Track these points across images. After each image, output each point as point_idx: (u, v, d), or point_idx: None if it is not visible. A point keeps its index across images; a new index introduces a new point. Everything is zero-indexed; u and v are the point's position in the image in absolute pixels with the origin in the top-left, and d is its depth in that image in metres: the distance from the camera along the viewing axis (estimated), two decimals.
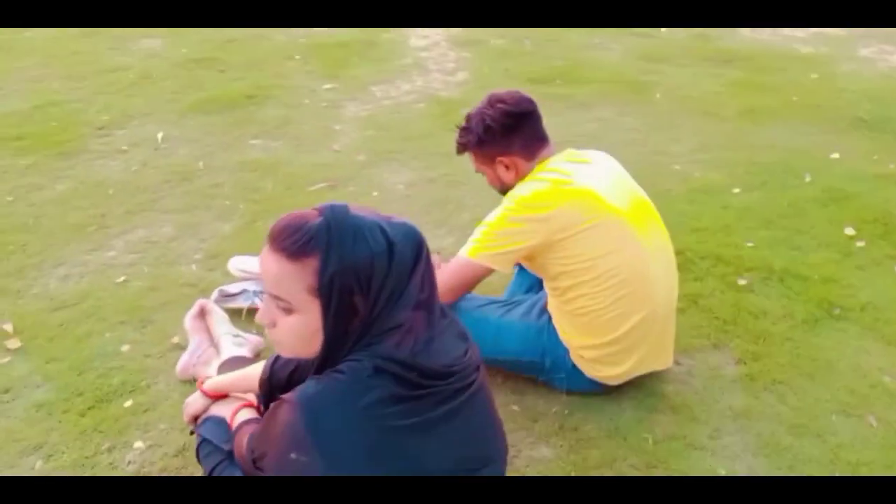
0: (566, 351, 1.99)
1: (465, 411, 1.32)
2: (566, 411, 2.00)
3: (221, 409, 1.70)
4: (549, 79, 4.36)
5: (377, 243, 1.21)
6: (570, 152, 2.02)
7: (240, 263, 2.45)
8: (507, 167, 1.99)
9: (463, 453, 1.32)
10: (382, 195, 3.10)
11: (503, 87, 2.08)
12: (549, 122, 2.02)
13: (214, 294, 2.34)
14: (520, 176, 1.99)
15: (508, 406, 2.01)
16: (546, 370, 2.04)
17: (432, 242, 1.44)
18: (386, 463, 1.20)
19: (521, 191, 1.91)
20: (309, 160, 3.38)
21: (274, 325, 1.25)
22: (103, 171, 3.24)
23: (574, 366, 1.99)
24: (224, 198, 3.05)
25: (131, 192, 3.07)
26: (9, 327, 2.28)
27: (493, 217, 1.91)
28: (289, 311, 1.22)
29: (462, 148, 2.06)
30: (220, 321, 2.15)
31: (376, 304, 1.21)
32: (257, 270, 1.52)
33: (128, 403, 2.00)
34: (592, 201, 1.86)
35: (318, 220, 1.21)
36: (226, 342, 2.10)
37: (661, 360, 2.06)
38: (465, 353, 1.37)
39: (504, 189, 2.02)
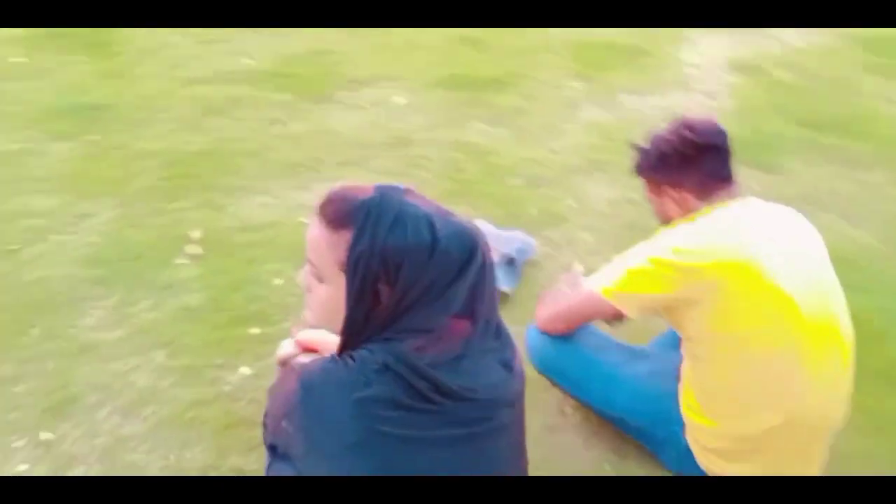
0: (682, 427, 1.72)
1: (475, 445, 1.20)
2: None
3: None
4: (825, 125, 3.81)
5: (417, 235, 1.13)
6: (753, 202, 1.73)
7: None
8: (675, 202, 1.77)
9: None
10: (577, 205, 2.96)
11: (768, 123, 1.84)
12: (801, 171, 1.73)
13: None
14: (686, 214, 1.75)
15: (600, 464, 1.80)
16: (656, 442, 1.79)
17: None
18: (364, 464, 1.13)
19: (675, 234, 1.69)
20: (521, 153, 3.32)
21: (309, 290, 1.23)
22: (336, 122, 3.47)
23: (689, 448, 1.72)
24: (428, 171, 3.11)
25: (351, 146, 3.26)
26: (197, 234, 2.54)
27: (636, 253, 1.70)
28: (320, 279, 1.19)
29: (636, 170, 1.87)
30: None
31: (403, 299, 1.14)
32: None
33: (254, 331, 2.14)
34: (754, 270, 1.57)
35: (368, 196, 1.15)
36: None
37: (801, 468, 1.70)
38: (502, 384, 1.23)
39: (667, 224, 1.80)
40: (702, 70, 4.54)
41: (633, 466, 1.80)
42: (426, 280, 1.14)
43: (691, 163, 1.73)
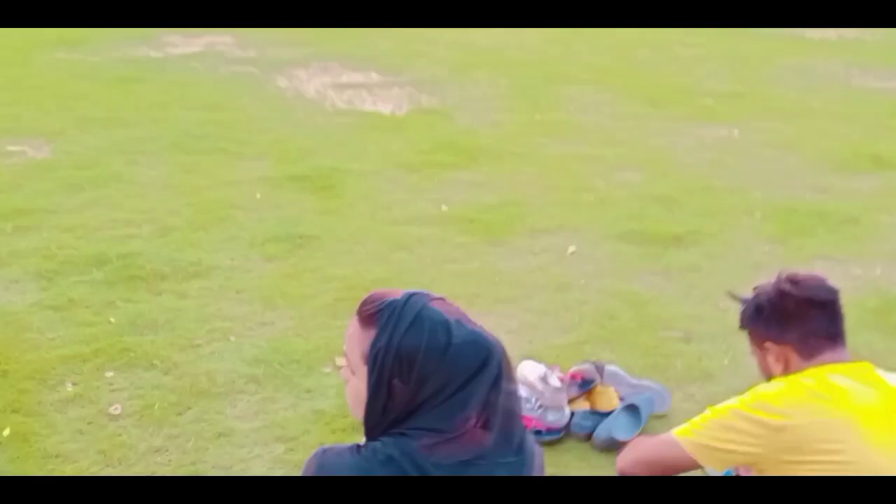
0: None
1: None
2: None
3: None
4: None
5: (433, 336, 1.23)
6: (866, 366, 1.58)
7: (531, 373, 2.52)
8: (775, 358, 1.67)
9: None
10: (731, 364, 2.80)
11: None
12: None
13: None
14: (787, 372, 1.64)
15: None
16: None
17: None
18: None
19: (766, 386, 1.59)
20: (684, 308, 3.24)
21: (347, 381, 1.35)
22: (505, 264, 3.68)
23: None
24: (579, 314, 3.15)
25: (510, 286, 3.43)
26: None
27: (722, 405, 1.62)
28: (351, 371, 1.31)
29: (740, 322, 1.80)
30: None
31: (416, 396, 1.23)
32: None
33: None
34: (847, 434, 1.43)
35: (397, 298, 1.28)
36: None
37: None
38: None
39: (768, 380, 1.69)
40: None
41: None
42: (438, 380, 1.22)
43: (792, 318, 1.64)
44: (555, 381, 2.40)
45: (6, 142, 5.42)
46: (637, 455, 1.74)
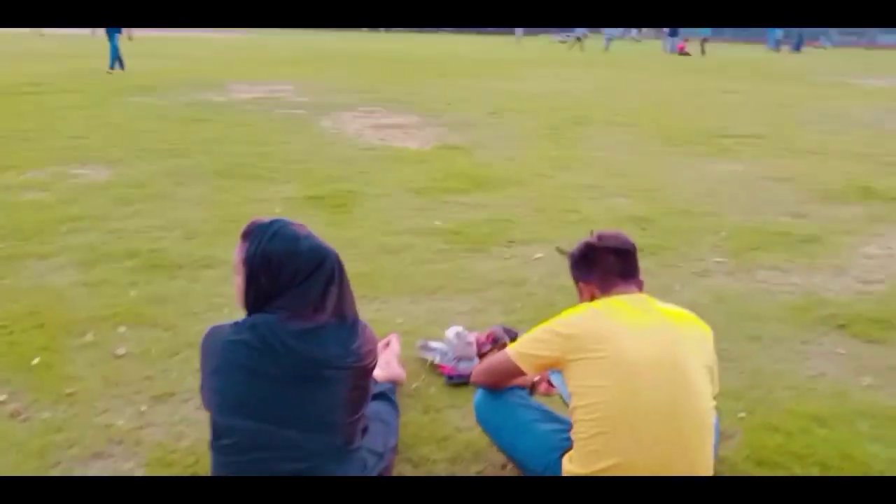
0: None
1: (303, 387, 1.76)
2: None
3: None
4: None
5: (285, 245, 1.80)
6: (643, 298, 2.06)
7: (450, 333, 3.02)
8: (585, 293, 2.16)
9: (277, 411, 1.73)
10: None
11: None
12: None
13: (419, 342, 3.01)
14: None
15: None
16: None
17: None
18: (220, 383, 1.75)
19: (568, 309, 2.07)
20: None
21: (234, 281, 1.92)
22: (476, 265, 4.17)
23: None
24: (524, 303, 3.62)
25: (474, 281, 3.91)
26: None
27: (541, 327, 2.11)
28: (236, 272, 1.88)
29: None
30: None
31: (274, 285, 1.80)
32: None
33: None
34: (610, 337, 1.92)
35: (263, 220, 1.85)
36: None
37: None
38: (336, 356, 1.78)
39: None
40: (875, 261, 4.42)
41: None
42: (288, 274, 1.79)
43: (594, 263, 2.13)
44: (468, 337, 2.90)
45: (74, 166, 6.34)
46: (482, 367, 2.23)
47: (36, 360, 2.89)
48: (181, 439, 2.40)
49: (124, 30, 14.40)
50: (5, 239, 4.37)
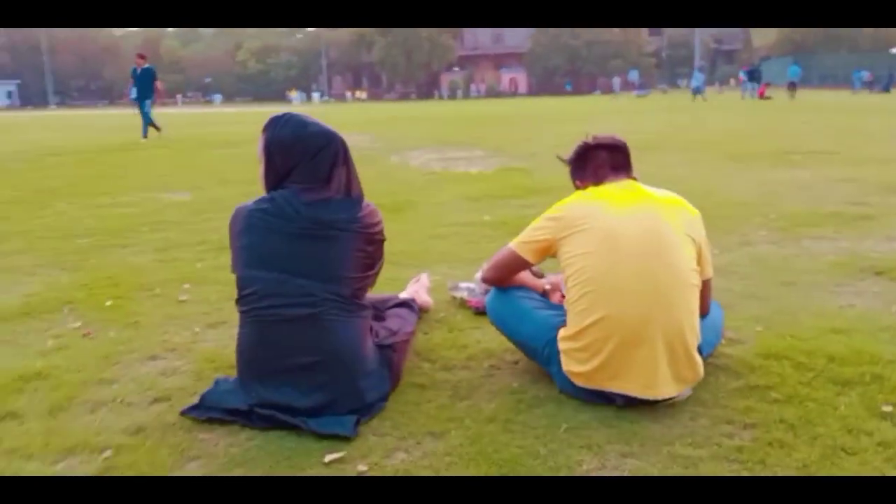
0: (560, 351, 2.13)
1: (312, 243, 2.00)
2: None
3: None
4: None
5: (295, 130, 2.08)
6: (630, 183, 2.21)
7: (479, 273, 3.20)
8: (578, 189, 2.33)
9: (290, 262, 1.97)
10: None
11: None
12: None
13: (449, 283, 3.19)
14: None
15: (510, 384, 2.25)
16: (544, 359, 2.20)
17: None
18: (246, 240, 2.01)
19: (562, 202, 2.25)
20: None
21: (259, 167, 2.19)
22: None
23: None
24: None
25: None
26: None
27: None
28: (258, 160, 2.15)
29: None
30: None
31: (287, 164, 2.07)
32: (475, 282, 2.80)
33: None
34: (595, 211, 2.10)
35: (277, 114, 2.13)
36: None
37: (640, 384, 1.96)
38: (341, 220, 2.02)
39: None
40: None
41: (535, 390, 2.17)
42: (298, 153, 2.05)
43: (588, 160, 2.31)
44: None
45: (159, 192, 6.94)
46: (490, 263, 2.40)
47: (109, 303, 3.24)
48: (227, 347, 2.65)
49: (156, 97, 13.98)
50: (94, 235, 4.87)
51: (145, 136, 13.92)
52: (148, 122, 13.97)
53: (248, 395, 2.03)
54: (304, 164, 2.04)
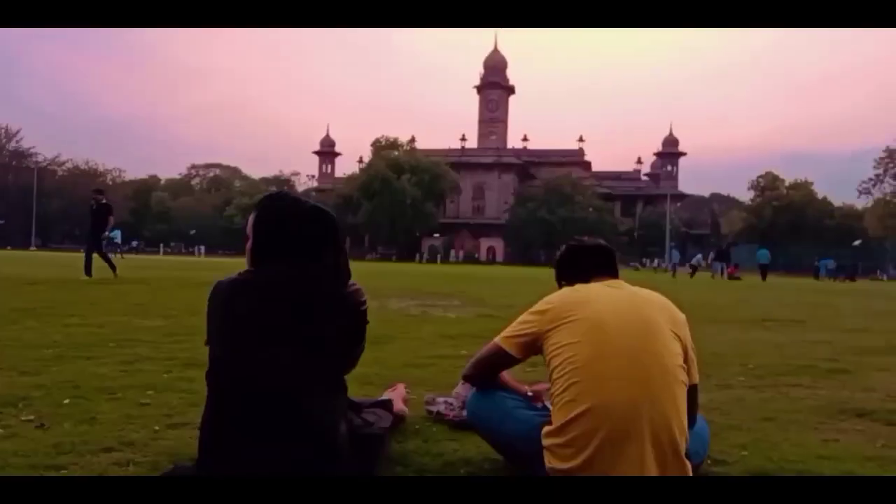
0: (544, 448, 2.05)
1: (293, 313, 1.94)
2: None
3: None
4: None
5: (288, 207, 2.08)
6: (617, 280, 2.23)
7: (458, 386, 3.12)
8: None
9: (268, 334, 1.91)
10: None
11: None
12: None
13: (426, 396, 3.11)
14: None
15: None
16: (525, 458, 2.12)
17: None
18: (222, 309, 1.96)
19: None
20: None
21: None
22: None
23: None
24: None
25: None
26: None
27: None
28: (246, 240, 2.14)
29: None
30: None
31: (276, 238, 2.06)
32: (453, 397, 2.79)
33: None
34: (583, 303, 2.10)
35: (267, 194, 2.15)
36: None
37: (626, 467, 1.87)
38: (330, 287, 1.99)
39: None
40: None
41: None
42: (289, 228, 2.06)
43: (573, 263, 2.34)
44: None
45: (133, 318, 6.81)
46: (473, 359, 2.34)
47: (66, 401, 3.09)
48: (189, 445, 2.51)
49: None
50: (59, 347, 4.72)
51: (88, 273, 12.67)
52: (98, 257, 12.93)
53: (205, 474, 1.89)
54: (294, 240, 2.03)
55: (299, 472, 1.86)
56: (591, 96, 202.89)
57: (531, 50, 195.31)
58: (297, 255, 2.03)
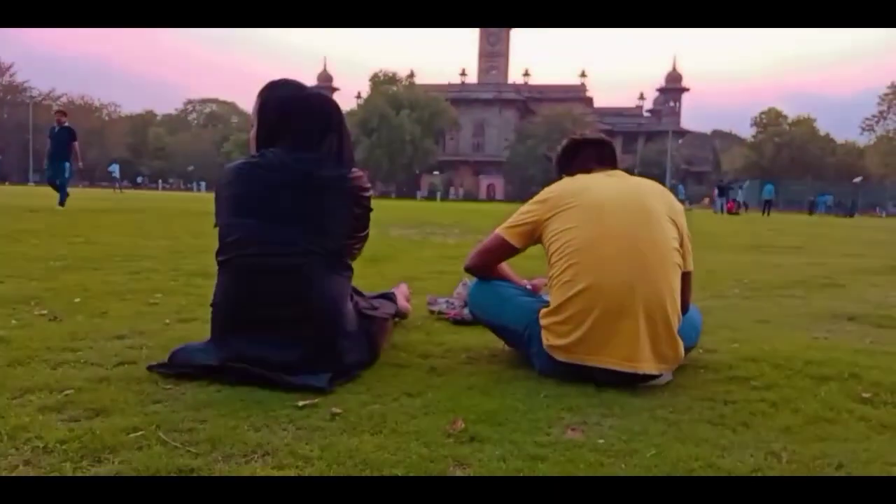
0: (541, 328, 2.12)
1: (299, 193, 1.98)
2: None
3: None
4: None
5: (292, 93, 2.11)
6: (614, 171, 2.27)
7: (459, 286, 3.20)
8: None
9: (276, 209, 1.95)
10: None
11: None
12: None
13: (428, 297, 3.18)
14: None
15: (488, 367, 2.21)
16: (525, 340, 2.17)
17: None
18: (228, 190, 2.00)
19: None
20: None
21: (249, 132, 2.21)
22: None
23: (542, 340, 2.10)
24: None
25: None
26: None
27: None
28: (251, 125, 2.17)
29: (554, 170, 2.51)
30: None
31: (281, 123, 2.08)
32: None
33: None
34: (581, 191, 2.14)
35: (270, 81, 2.16)
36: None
37: (621, 357, 1.94)
38: (333, 174, 2.02)
39: None
40: None
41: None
42: (292, 114, 2.09)
43: (575, 154, 2.37)
44: None
45: (136, 238, 6.86)
46: (474, 251, 2.41)
47: (77, 300, 3.17)
48: (201, 334, 2.59)
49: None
50: (66, 260, 4.79)
51: (63, 203, 11.66)
52: (65, 188, 11.87)
53: (221, 351, 1.97)
54: (297, 125, 2.06)
55: (308, 343, 1.94)
56: (595, 28, 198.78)
57: None
58: (301, 141, 2.06)
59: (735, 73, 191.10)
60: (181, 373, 1.96)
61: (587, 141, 2.38)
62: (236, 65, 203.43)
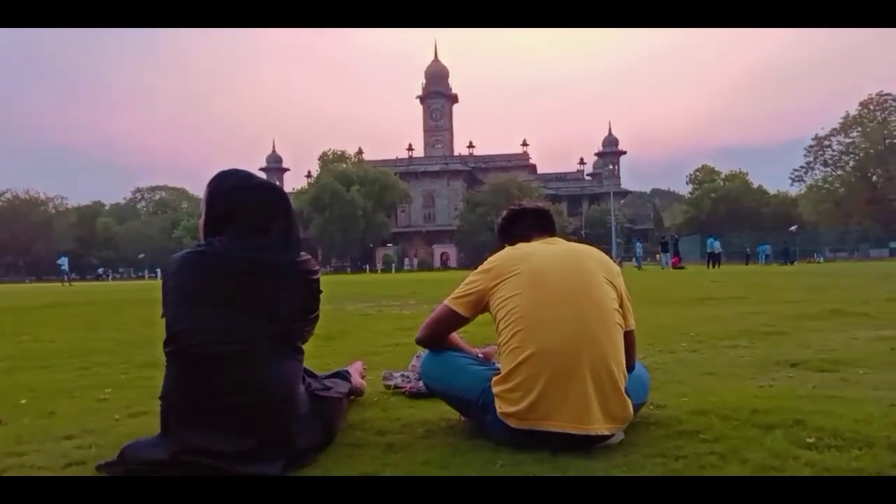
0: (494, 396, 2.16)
1: (246, 280, 2.00)
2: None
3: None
4: None
5: (238, 182, 2.16)
6: (552, 238, 2.37)
7: (414, 359, 3.22)
8: None
9: (220, 296, 1.97)
10: None
11: None
12: None
13: (384, 372, 3.20)
14: None
15: (445, 440, 2.22)
16: (479, 409, 2.21)
17: None
18: (174, 281, 2.02)
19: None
20: None
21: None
22: None
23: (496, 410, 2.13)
24: None
25: None
26: None
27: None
28: (199, 215, 2.21)
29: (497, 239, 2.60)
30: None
31: (227, 212, 2.12)
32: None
33: None
34: (524, 258, 2.23)
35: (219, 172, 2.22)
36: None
37: (573, 419, 1.99)
38: (280, 258, 2.06)
39: None
40: (838, 342, 4.59)
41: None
42: (239, 202, 2.13)
43: (515, 222, 2.48)
44: None
45: (86, 332, 6.69)
46: (424, 323, 2.45)
47: (24, 401, 3.09)
48: (152, 430, 2.55)
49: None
50: (12, 360, 4.66)
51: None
52: None
53: (171, 444, 1.95)
54: (244, 213, 2.10)
55: (261, 431, 1.94)
56: (533, 97, 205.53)
57: (470, 54, 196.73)
58: (248, 228, 2.10)
59: (667, 133, 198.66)
60: (131, 470, 1.93)
61: (525, 211, 2.48)
62: (185, 149, 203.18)
